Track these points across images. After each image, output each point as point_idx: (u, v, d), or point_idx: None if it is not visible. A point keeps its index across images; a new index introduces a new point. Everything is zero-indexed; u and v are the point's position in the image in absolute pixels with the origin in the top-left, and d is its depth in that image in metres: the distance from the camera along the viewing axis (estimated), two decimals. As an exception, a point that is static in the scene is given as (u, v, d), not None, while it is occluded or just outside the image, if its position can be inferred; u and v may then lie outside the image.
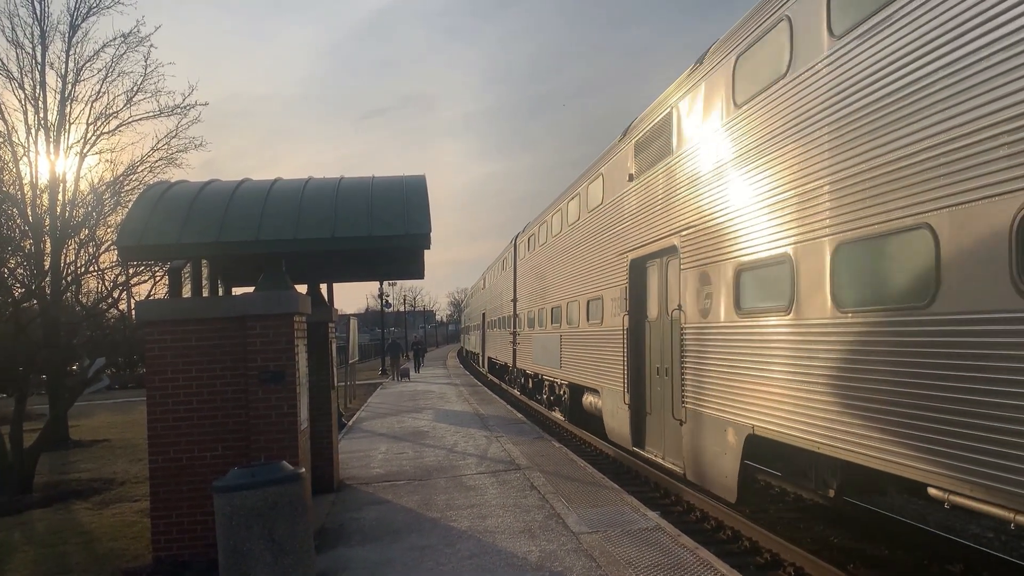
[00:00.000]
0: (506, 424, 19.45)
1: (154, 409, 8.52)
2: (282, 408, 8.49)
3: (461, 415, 21.97)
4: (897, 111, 6.74)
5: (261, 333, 8.48)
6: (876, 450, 6.96)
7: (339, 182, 9.55)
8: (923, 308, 6.36)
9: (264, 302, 8.48)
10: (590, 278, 16.75)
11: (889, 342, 6.81)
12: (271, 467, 7.36)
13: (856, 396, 7.27)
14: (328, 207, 8.81)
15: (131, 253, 8.98)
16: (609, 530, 8.98)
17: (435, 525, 9.58)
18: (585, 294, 17.17)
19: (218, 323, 8.58)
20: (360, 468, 13.91)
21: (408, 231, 8.64)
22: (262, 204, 8.87)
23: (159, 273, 17.18)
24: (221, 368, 8.61)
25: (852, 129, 7.38)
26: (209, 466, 8.47)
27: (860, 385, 7.20)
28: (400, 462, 14.37)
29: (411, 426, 19.84)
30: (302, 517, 7.27)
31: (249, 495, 6.98)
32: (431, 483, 12.24)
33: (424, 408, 24.49)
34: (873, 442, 7.00)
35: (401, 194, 9.20)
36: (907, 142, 6.61)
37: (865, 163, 7.17)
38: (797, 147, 8.33)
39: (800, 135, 8.28)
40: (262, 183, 9.67)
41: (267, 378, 8.49)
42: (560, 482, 11.83)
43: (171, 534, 8.46)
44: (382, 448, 16.23)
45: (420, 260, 11.58)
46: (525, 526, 9.30)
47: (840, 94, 7.58)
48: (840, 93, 7.58)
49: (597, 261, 16.14)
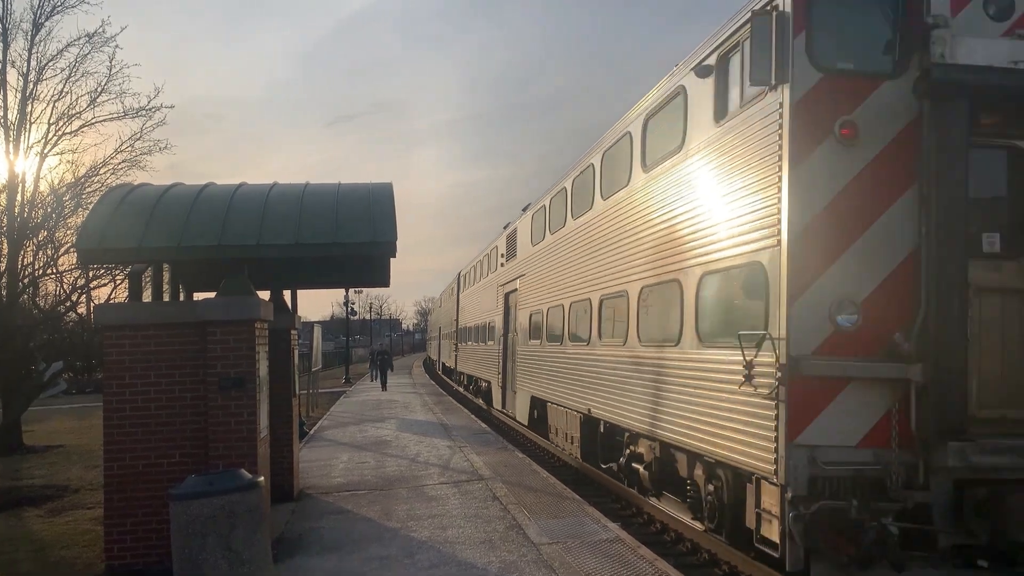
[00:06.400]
0: (470, 434, 19.40)
1: (110, 415, 8.37)
2: (242, 416, 8.40)
3: (425, 425, 21.87)
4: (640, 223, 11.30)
5: (222, 339, 8.38)
6: (631, 418, 11.45)
7: (304, 188, 9.49)
8: (675, 344, 9.83)
9: (225, 308, 8.39)
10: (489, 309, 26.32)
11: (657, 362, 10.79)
12: (229, 475, 7.27)
13: (601, 388, 13.07)
14: (293, 213, 8.74)
15: (91, 256, 8.85)
16: (569, 541, 8.99)
17: (395, 535, 9.52)
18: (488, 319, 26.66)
19: (178, 328, 8.47)
20: (321, 477, 13.78)
21: (374, 239, 8.59)
22: (225, 209, 8.78)
23: (119, 277, 16.92)
24: (180, 374, 8.50)
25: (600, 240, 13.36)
26: (166, 473, 8.33)
27: (615, 382, 12.32)
28: (362, 471, 14.27)
29: (374, 435, 19.72)
30: (260, 526, 7.18)
31: (206, 503, 6.88)
32: (392, 493, 12.16)
33: (388, 417, 24.35)
34: (634, 415, 11.34)
35: (367, 201, 9.16)
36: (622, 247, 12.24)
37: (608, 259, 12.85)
38: (571, 245, 15.29)
39: (570, 242, 15.41)
40: (226, 187, 9.58)
41: (227, 385, 8.39)
42: (522, 493, 11.82)
43: (125, 542, 8.31)
44: (344, 457, 16.10)
45: (386, 268, 11.51)
46: (486, 536, 9.28)
47: (636, 212, 11.41)
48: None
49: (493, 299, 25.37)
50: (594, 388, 13.33)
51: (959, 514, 7.05)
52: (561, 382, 15.77)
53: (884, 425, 7.12)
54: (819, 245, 7.17)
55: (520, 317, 20.37)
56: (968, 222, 7.11)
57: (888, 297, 7.19)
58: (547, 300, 17.10)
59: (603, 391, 12.81)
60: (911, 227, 7.22)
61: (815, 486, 7.10)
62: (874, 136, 7.27)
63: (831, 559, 7.04)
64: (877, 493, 7.06)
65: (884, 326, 7.14)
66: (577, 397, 14.52)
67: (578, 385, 14.45)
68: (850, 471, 7.11)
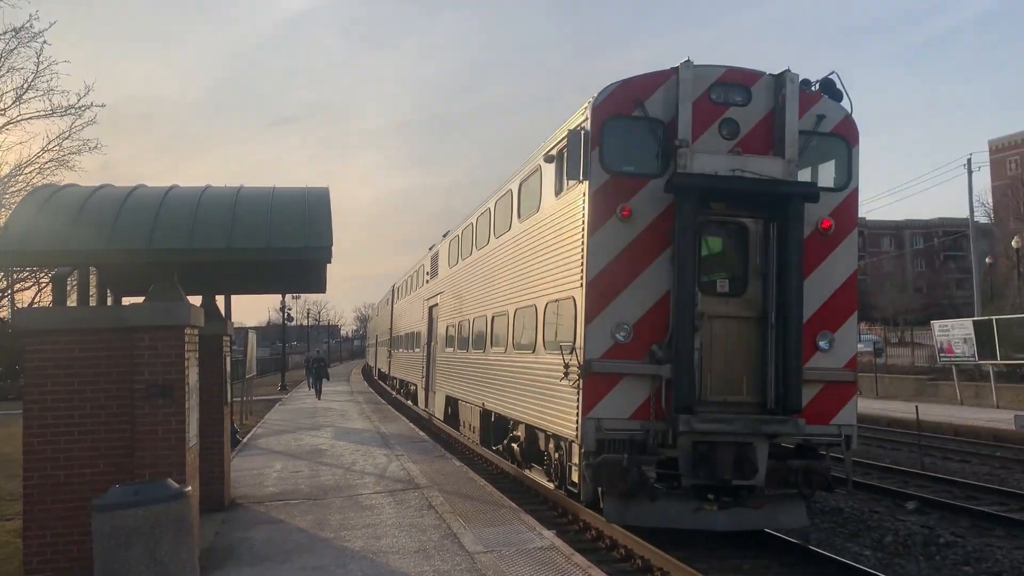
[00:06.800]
0: (408, 442, 19.26)
1: (31, 423, 8.07)
2: (170, 424, 8.19)
3: (362, 433, 21.64)
4: None
5: (150, 345, 8.17)
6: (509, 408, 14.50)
7: (238, 191, 9.31)
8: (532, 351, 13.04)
9: (153, 313, 8.18)
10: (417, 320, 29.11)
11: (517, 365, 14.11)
12: (155, 485, 7.10)
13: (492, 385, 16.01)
14: (225, 216, 8.56)
15: (13, 258, 8.56)
16: (504, 549, 8.98)
17: (328, 545, 9.38)
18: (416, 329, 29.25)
19: (104, 334, 8.23)
20: (253, 486, 13.52)
21: (308, 244, 8.48)
22: (155, 211, 8.55)
23: (44, 280, 16.38)
24: (106, 381, 8.25)
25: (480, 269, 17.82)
26: (89, 484, 8.06)
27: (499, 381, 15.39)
28: (296, 480, 14.04)
29: (309, 444, 19.43)
30: (187, 537, 7.01)
31: (130, 514, 6.70)
32: (326, 502, 12.00)
33: (323, 426, 24.02)
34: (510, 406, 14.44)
35: (303, 206, 9.03)
36: None
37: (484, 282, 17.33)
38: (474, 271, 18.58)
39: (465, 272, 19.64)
40: (157, 190, 9.34)
41: (155, 392, 8.17)
42: (458, 501, 11.77)
43: (45, 555, 8.02)
44: (277, 466, 15.83)
45: (322, 273, 11.35)
46: (420, 546, 9.21)
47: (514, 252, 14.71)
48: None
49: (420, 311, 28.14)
50: (487, 386, 16.55)
51: (695, 463, 10.09)
52: (466, 382, 18.94)
53: (646, 404, 10.26)
54: (606, 287, 10.39)
55: (439, 328, 23.64)
56: (704, 272, 10.51)
57: (650, 321, 10.38)
58: (458, 315, 20.40)
59: (493, 388, 16.01)
60: (666, 276, 10.37)
61: (601, 445, 10.17)
62: (643, 215, 10.44)
63: (611, 493, 10.13)
64: (641, 449, 10.13)
65: (646, 341, 10.36)
66: (476, 394, 17.68)
67: (477, 384, 17.61)
68: (624, 435, 10.19)
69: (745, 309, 10.60)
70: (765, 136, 10.63)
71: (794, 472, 10.28)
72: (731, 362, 10.48)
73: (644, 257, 10.40)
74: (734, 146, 10.54)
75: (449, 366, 21.55)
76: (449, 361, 21.50)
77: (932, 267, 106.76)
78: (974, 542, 11.16)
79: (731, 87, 10.68)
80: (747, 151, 10.52)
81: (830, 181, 11.10)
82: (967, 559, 10.49)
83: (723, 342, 10.47)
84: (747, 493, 10.22)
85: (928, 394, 31.10)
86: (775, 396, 10.26)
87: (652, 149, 10.71)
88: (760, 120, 10.67)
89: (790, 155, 10.42)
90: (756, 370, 10.49)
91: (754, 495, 10.21)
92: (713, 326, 10.44)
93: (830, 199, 10.76)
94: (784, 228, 10.26)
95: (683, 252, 10.02)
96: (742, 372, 10.52)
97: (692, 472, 10.13)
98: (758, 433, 10.05)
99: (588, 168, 10.45)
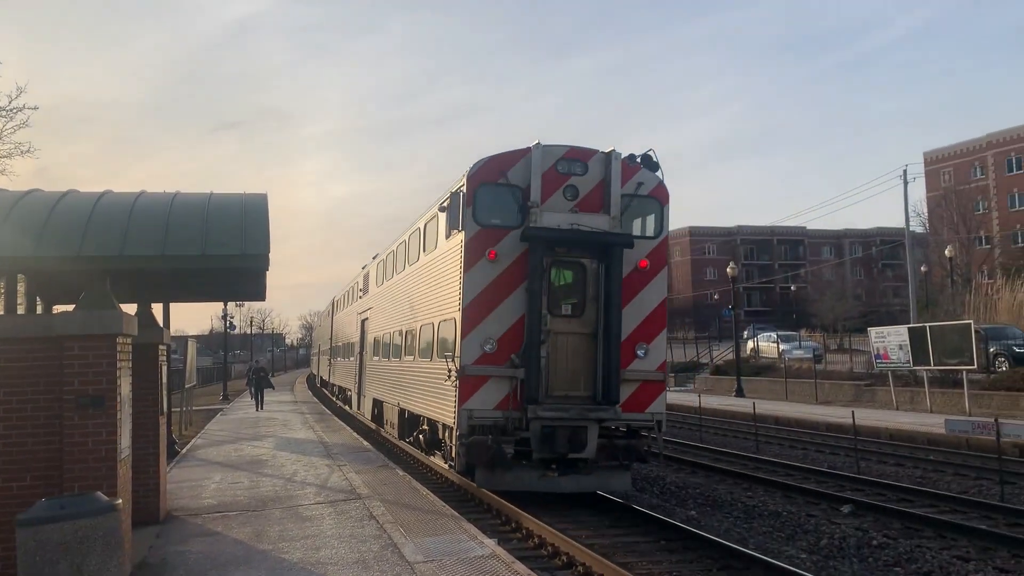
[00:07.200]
0: (351, 452, 19.08)
1: (-48, 436, 7.80)
2: (100, 435, 7.98)
3: (304, 443, 21.37)
4: None
5: (80, 355, 7.96)
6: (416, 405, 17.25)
7: (173, 197, 9.14)
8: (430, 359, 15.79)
9: (83, 322, 7.98)
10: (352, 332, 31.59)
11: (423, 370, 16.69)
12: (83, 498, 6.92)
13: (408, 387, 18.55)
14: (159, 223, 8.39)
15: (-66, 265, 8.25)
16: (445, 559, 8.94)
17: (265, 557, 9.23)
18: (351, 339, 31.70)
19: (32, 343, 8.00)
20: (190, 498, 13.25)
21: (245, 251, 8.35)
22: (87, 217, 8.35)
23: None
24: (34, 392, 8.02)
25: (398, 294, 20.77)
26: (15, 498, 7.82)
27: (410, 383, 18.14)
28: (234, 492, 13.80)
29: (249, 454, 19.12)
30: (116, 552, 6.85)
31: (56, 528, 6.53)
32: (265, 514, 11.81)
33: (265, 436, 23.66)
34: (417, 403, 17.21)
35: (240, 212, 8.90)
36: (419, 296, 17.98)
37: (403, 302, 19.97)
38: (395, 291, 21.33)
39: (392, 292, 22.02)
40: (89, 195, 9.13)
41: (85, 403, 7.96)
42: (400, 511, 11.69)
43: (-34, 573, 7.74)
44: (216, 477, 15.54)
45: (261, 281, 11.17)
46: (360, 557, 9.12)
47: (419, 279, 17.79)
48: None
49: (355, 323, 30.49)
50: (402, 388, 19.39)
51: (542, 441, 12.94)
52: (388, 386, 21.77)
53: (506, 399, 13.16)
54: (477, 311, 13.28)
55: (369, 339, 26.30)
56: (554, 299, 13.52)
57: (510, 337, 13.26)
58: (383, 328, 23.22)
59: (405, 390, 18.85)
60: (522, 303, 13.22)
61: (472, 429, 13.06)
62: (506, 257, 13.33)
63: (480, 466, 13.24)
64: (502, 432, 13.03)
65: (507, 351, 13.23)
66: (394, 395, 20.54)
67: (395, 387, 20.45)
68: (489, 421, 13.09)
69: (583, 327, 13.60)
70: (598, 198, 13.67)
71: (618, 448, 13.50)
72: (571, 366, 13.52)
73: (506, 289, 13.33)
74: (574, 206, 13.56)
75: (376, 372, 24.31)
76: (376, 368, 24.24)
77: (870, 275, 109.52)
78: (905, 544, 11.45)
79: (572, 162, 13.71)
80: (584, 210, 13.56)
81: (649, 232, 14.30)
82: (898, 560, 10.76)
83: (565, 352, 13.50)
84: (583, 464, 13.41)
85: (865, 399, 31.80)
86: (602, 391, 13.27)
87: (512, 207, 13.54)
88: (594, 186, 13.69)
89: (614, 213, 13.60)
90: (589, 372, 13.52)
91: (587, 465, 13.43)
92: (558, 339, 13.45)
93: (647, 245, 13.99)
94: (609, 267, 13.30)
95: (534, 285, 13.07)
96: (580, 373, 13.54)
97: (540, 448, 13.04)
98: (587, 418, 13.16)
99: (464, 221, 13.47)
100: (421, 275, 17.50)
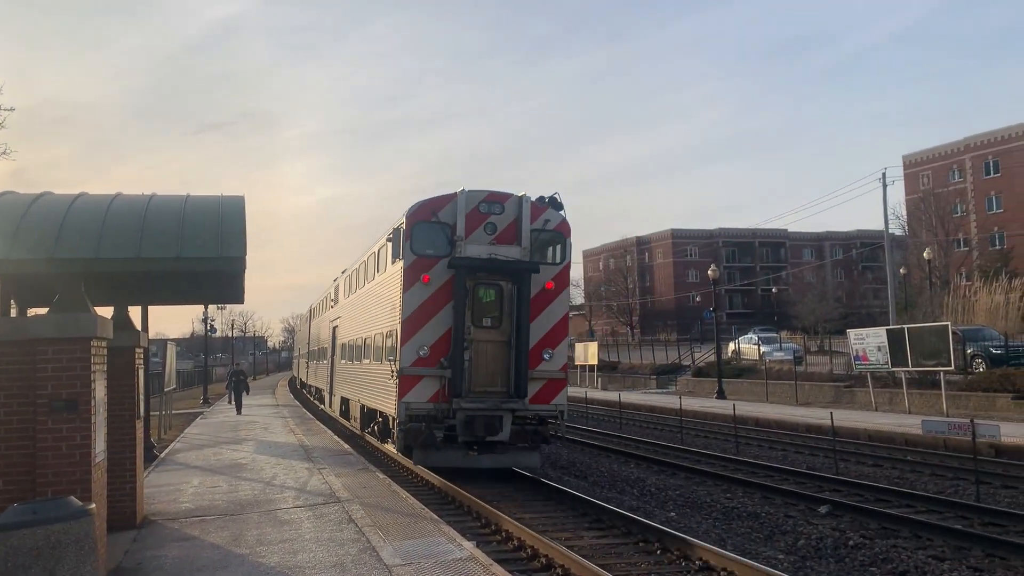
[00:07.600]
0: (331, 455, 19.01)
1: (-77, 440, 7.71)
2: (74, 439, 7.92)
3: (284, 446, 21.28)
4: None
5: (53, 358, 7.89)
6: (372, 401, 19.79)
7: (150, 199, 9.08)
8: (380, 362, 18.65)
9: (57, 325, 7.90)
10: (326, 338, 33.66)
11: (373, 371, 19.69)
12: (56, 503, 6.83)
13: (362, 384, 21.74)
14: (135, 225, 8.34)
15: (-95, 268, 8.15)
16: (423, 561, 8.92)
17: (243, 562, 9.18)
18: (325, 344, 33.87)
19: (4, 346, 7.92)
20: (169, 503, 13.16)
21: (221, 254, 8.31)
22: (61, 219, 8.29)
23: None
24: (6, 395, 7.95)
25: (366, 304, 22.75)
26: (-12, 503, 7.73)
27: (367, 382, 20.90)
28: (213, 496, 13.71)
29: (229, 458, 19.01)
30: (89, 557, 6.77)
31: (28, 534, 6.44)
32: (244, 518, 11.74)
33: (245, 439, 23.54)
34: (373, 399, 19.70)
35: (217, 215, 8.86)
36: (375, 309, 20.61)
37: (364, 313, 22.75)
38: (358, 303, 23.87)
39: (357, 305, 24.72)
40: (64, 197, 9.06)
41: (59, 407, 7.89)
42: (379, 514, 11.66)
43: (-63, 579, 7.64)
44: (195, 481, 15.44)
45: (239, 284, 11.11)
46: (337, 560, 9.08)
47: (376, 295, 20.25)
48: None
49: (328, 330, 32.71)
50: (362, 387, 21.83)
51: (465, 427, 15.76)
52: (352, 385, 24.32)
53: (436, 393, 15.85)
54: (414, 324, 15.95)
55: (339, 345, 28.75)
56: (477, 314, 16.24)
57: (440, 344, 15.92)
58: (349, 335, 25.65)
59: (365, 388, 21.33)
60: (450, 317, 15.91)
61: (410, 418, 15.78)
62: (437, 281, 16.02)
63: (416, 447, 15.89)
64: (433, 420, 15.82)
65: (438, 356, 15.89)
66: (357, 393, 23.11)
67: (358, 386, 22.91)
68: (423, 412, 15.78)
69: (500, 336, 16.38)
70: (512, 233, 16.45)
71: (528, 433, 16.29)
72: (490, 368, 16.29)
73: (437, 306, 16.04)
74: (493, 239, 16.31)
75: (343, 374, 27.04)
76: (344, 370, 26.93)
77: (851, 277, 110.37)
78: (881, 544, 11.53)
79: (492, 203, 16.46)
80: (500, 242, 16.33)
81: (556, 259, 17.07)
82: (874, 560, 10.85)
83: (485, 356, 16.28)
84: (499, 446, 16.20)
85: (845, 400, 32.03)
86: (514, 387, 16.10)
87: (443, 240, 16.28)
88: (510, 223, 16.46)
89: (525, 244, 16.43)
90: (505, 372, 16.31)
91: (503, 447, 16.25)
92: (479, 346, 16.24)
93: (552, 270, 16.86)
94: (520, 288, 16.15)
95: (459, 304, 15.88)
96: (497, 374, 16.32)
97: (464, 432, 15.83)
98: (502, 408, 16.00)
99: (404, 252, 16.23)
100: (374, 292, 20.55)
